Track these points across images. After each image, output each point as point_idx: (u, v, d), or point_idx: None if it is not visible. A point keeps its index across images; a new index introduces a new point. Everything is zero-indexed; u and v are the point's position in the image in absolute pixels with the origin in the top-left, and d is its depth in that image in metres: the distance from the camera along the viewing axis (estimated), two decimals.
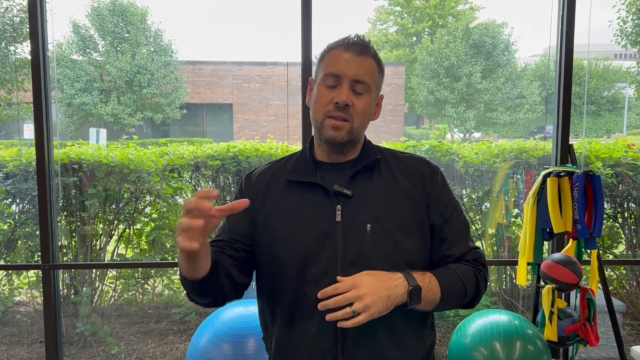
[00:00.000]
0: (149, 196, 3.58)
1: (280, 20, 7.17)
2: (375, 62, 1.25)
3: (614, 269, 3.72)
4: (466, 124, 12.25)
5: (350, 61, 1.21)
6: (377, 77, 1.26)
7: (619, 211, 3.58)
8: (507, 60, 12.39)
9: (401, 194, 1.25)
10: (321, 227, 1.21)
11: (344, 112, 1.20)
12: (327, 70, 1.23)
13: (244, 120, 14.32)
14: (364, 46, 1.23)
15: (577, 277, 2.35)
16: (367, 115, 1.25)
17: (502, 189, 3.43)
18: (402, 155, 1.34)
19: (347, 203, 1.22)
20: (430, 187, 1.28)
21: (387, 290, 1.08)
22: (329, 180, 1.25)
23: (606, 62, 17.35)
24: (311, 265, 1.20)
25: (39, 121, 2.70)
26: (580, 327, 2.37)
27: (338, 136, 1.22)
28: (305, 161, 1.30)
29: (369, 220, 1.20)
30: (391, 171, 1.28)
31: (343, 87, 1.20)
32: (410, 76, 13.54)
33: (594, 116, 16.56)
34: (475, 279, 1.26)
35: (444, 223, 1.27)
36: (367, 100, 1.23)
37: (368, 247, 1.19)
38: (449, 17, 14.99)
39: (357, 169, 1.25)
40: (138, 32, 12.78)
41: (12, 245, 3.57)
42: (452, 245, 1.27)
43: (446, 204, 1.29)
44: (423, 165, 1.31)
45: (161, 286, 3.82)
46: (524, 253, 2.50)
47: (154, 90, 12.53)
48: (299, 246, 1.21)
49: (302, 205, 1.24)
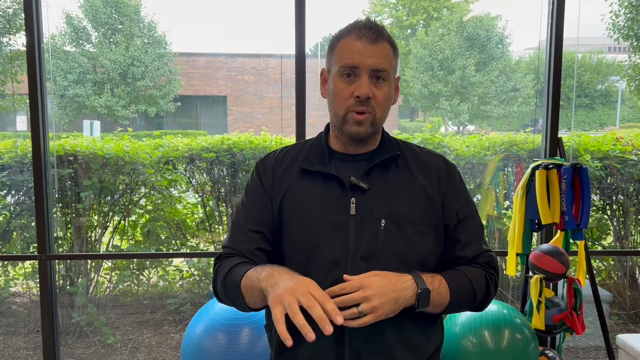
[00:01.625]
0: (143, 188, 3.61)
1: (275, 12, 7.14)
2: (391, 45, 1.20)
3: (602, 260, 3.78)
4: (460, 116, 12.29)
5: (366, 50, 1.15)
6: (394, 61, 1.21)
7: (608, 203, 3.64)
8: (501, 54, 12.42)
9: (417, 191, 1.21)
10: (334, 219, 1.18)
11: (365, 105, 1.16)
12: (342, 61, 1.17)
13: (238, 112, 14.28)
14: (377, 31, 1.17)
15: (565, 268, 2.40)
16: (388, 104, 1.22)
17: (492, 182, 3.48)
18: (420, 150, 1.30)
19: (362, 196, 1.19)
20: (446, 185, 1.24)
21: (395, 293, 1.06)
22: (344, 171, 1.21)
23: (600, 56, 17.38)
24: (320, 257, 1.17)
25: (35, 113, 2.71)
26: (567, 316, 2.43)
27: (362, 131, 1.18)
28: (320, 150, 1.26)
29: (384, 216, 1.17)
30: (408, 166, 1.24)
31: (362, 79, 1.15)
32: (405, 69, 13.55)
33: (587, 109, 16.61)
34: (485, 282, 1.23)
35: (458, 223, 1.23)
36: (387, 89, 1.19)
37: (380, 243, 1.16)
38: (444, 10, 14.99)
39: (375, 163, 1.21)
40: (132, 24, 12.69)
41: (7, 237, 3.59)
42: (465, 246, 1.24)
43: (462, 205, 1.25)
44: (440, 163, 1.27)
45: (156, 277, 3.86)
46: (513, 244, 2.55)
47: (148, 82, 12.48)
48: (309, 236, 1.18)
49: (315, 195, 1.21)
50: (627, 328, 3.64)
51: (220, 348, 2.21)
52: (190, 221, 3.72)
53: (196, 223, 3.70)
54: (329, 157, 1.24)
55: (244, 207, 1.28)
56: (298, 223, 1.20)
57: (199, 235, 3.69)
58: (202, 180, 3.66)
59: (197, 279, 3.78)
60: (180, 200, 3.70)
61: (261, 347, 2.15)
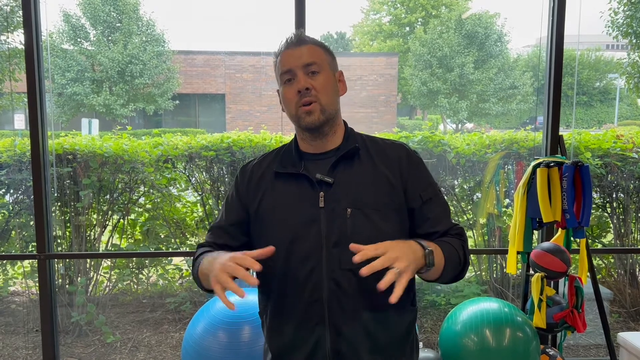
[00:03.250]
0: (143, 186, 3.60)
1: (274, 10, 7.12)
2: (317, 45, 1.36)
3: (603, 258, 3.78)
4: (459, 114, 12.29)
5: (293, 53, 1.32)
6: (324, 56, 1.35)
7: (608, 201, 3.64)
8: (499, 51, 12.42)
9: (379, 179, 1.33)
10: (307, 213, 1.31)
11: (308, 96, 1.30)
12: (280, 70, 1.34)
13: (237, 110, 14.28)
14: (300, 38, 1.35)
15: (566, 266, 2.40)
16: (331, 90, 1.34)
17: (492, 180, 3.48)
18: (383, 141, 1.41)
19: (329, 190, 1.31)
20: (407, 171, 1.35)
21: (413, 254, 1.15)
22: (312, 169, 1.34)
23: (598, 53, 17.40)
24: (298, 248, 1.30)
25: (34, 111, 2.70)
26: (568, 314, 2.43)
27: (314, 119, 1.31)
28: (290, 154, 1.40)
29: (349, 205, 1.29)
30: (371, 158, 1.36)
31: (298, 75, 1.31)
32: (403, 67, 13.55)
33: (585, 107, 16.64)
34: (463, 249, 1.35)
35: (423, 204, 1.34)
36: (324, 77, 1.33)
37: (349, 230, 1.28)
38: (442, 8, 14.98)
39: (338, 158, 1.34)
40: (130, 22, 12.66)
41: (6, 236, 3.57)
42: (436, 223, 1.35)
43: (424, 186, 1.36)
44: (401, 151, 1.38)
45: (155, 276, 3.85)
46: (514, 242, 2.54)
47: (146, 80, 12.45)
48: (287, 230, 1.31)
49: (289, 194, 1.34)
50: (627, 326, 3.64)
51: (221, 346, 2.20)
52: (189, 220, 3.71)
53: (195, 222, 3.69)
54: (299, 158, 1.38)
55: (221, 210, 1.49)
56: (275, 221, 1.34)
57: (198, 234, 3.68)
58: (201, 179, 3.65)
59: None
60: (180, 198, 3.69)
61: (262, 345, 2.14)
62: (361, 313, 1.29)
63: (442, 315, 3.65)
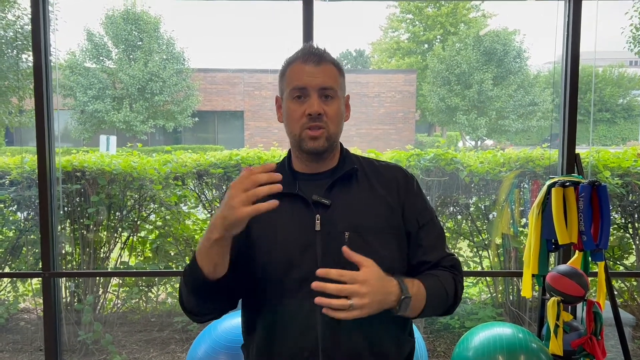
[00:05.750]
0: (152, 204, 3.58)
1: (290, 28, 7.15)
2: (335, 66, 1.29)
3: (625, 281, 3.63)
4: (477, 131, 12.16)
5: (312, 72, 1.25)
6: (339, 80, 1.29)
7: (630, 221, 3.50)
8: (519, 68, 12.30)
9: (377, 202, 1.28)
10: (302, 236, 1.24)
11: (318, 121, 1.24)
12: (292, 84, 1.26)
13: (255, 127, 14.37)
14: (321, 55, 1.28)
15: (583, 290, 2.29)
16: (340, 119, 1.29)
17: (507, 199, 3.37)
18: (379, 163, 1.37)
19: (326, 212, 1.25)
20: (405, 193, 1.31)
21: (383, 295, 1.09)
22: (307, 190, 1.28)
23: (621, 70, 17.15)
24: (292, 273, 1.22)
25: (41, 129, 2.71)
26: (586, 341, 2.31)
27: (318, 145, 1.25)
28: (284, 172, 1.29)
29: (347, 228, 1.23)
30: (368, 179, 1.31)
31: (312, 97, 1.24)
32: (422, 83, 13.50)
33: (608, 124, 16.38)
34: (454, 284, 1.28)
35: (419, 229, 1.29)
36: (337, 105, 1.27)
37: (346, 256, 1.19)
38: (461, 25, 14.94)
39: (335, 179, 1.28)
40: (151, 40, 12.88)
41: (17, 252, 3.58)
42: (428, 251, 1.29)
43: (421, 211, 1.31)
44: (398, 173, 1.34)
45: (164, 294, 3.81)
46: (529, 264, 2.45)
47: (165, 97, 12.61)
48: (280, 255, 1.23)
49: (282, 215, 1.24)
50: None
51: None
52: (199, 237, 3.67)
53: None
54: (294, 178, 1.31)
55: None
56: (269, 244, 1.25)
57: None
58: (211, 197, 3.62)
59: None
60: (190, 216, 3.66)
61: None
62: (357, 345, 1.22)
63: (455, 339, 3.53)
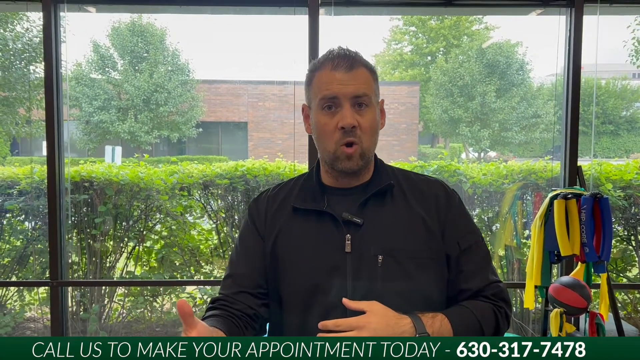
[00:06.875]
0: (159, 214, 3.61)
1: (294, 40, 7.22)
2: (368, 70, 1.15)
3: (628, 293, 3.64)
4: (480, 143, 12.19)
5: (343, 79, 1.11)
6: (373, 85, 1.16)
7: (632, 234, 3.51)
8: (521, 80, 12.35)
9: (415, 222, 1.15)
10: (330, 259, 1.12)
11: (351, 135, 1.11)
12: (320, 94, 1.13)
13: (259, 138, 14.43)
14: (352, 58, 1.13)
15: (586, 302, 2.31)
16: (375, 130, 1.16)
17: (510, 211, 3.40)
18: (417, 177, 1.23)
19: (358, 232, 1.12)
20: (446, 213, 1.17)
21: (390, 336, 1.00)
22: (337, 207, 1.15)
23: (624, 82, 17.19)
24: (319, 300, 1.11)
25: (51, 139, 2.76)
26: None
27: (352, 165, 1.13)
28: (311, 186, 1.21)
29: (381, 252, 1.11)
30: (404, 196, 1.18)
31: (344, 108, 1.11)
32: (425, 95, 13.56)
33: (612, 136, 16.38)
34: (494, 317, 1.14)
35: (460, 254, 1.16)
36: (372, 115, 1.14)
37: (379, 281, 1.10)
38: (464, 37, 15.03)
39: (369, 195, 1.15)
40: (157, 52, 13.01)
41: (24, 262, 3.61)
42: (469, 278, 1.15)
43: (463, 233, 1.18)
44: (439, 189, 1.20)
45: (169, 304, 3.83)
46: (532, 276, 2.46)
47: (170, 108, 12.71)
48: (305, 279, 1.13)
49: (308, 234, 1.15)
50: None
51: None
52: (204, 247, 3.70)
53: (210, 249, 3.68)
54: (322, 192, 1.19)
55: (238, 253, 1.23)
56: (293, 265, 1.15)
57: (213, 262, 3.66)
58: (216, 207, 3.65)
59: None
60: (195, 226, 3.70)
61: None
62: None
63: None
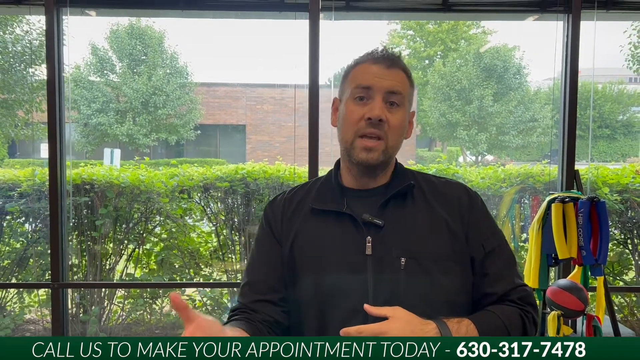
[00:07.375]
0: (158, 216, 3.63)
1: (293, 43, 7.24)
2: (406, 75, 1.14)
3: (624, 296, 3.67)
4: (478, 146, 12.23)
5: (381, 73, 1.10)
6: (408, 90, 1.14)
7: (629, 237, 3.54)
8: (519, 84, 12.41)
9: (438, 224, 1.12)
10: (350, 261, 1.08)
11: (377, 128, 1.08)
12: (355, 82, 1.11)
13: (257, 141, 14.44)
14: (393, 59, 1.13)
15: (583, 304, 2.33)
16: (402, 132, 1.13)
17: (508, 214, 3.43)
18: (438, 180, 1.21)
19: (379, 234, 1.09)
20: (469, 216, 1.14)
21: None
22: (357, 208, 1.12)
23: (620, 86, 17.26)
24: (339, 304, 1.08)
25: (53, 142, 2.77)
26: None
27: (371, 158, 1.10)
28: (330, 187, 1.18)
29: (403, 254, 1.08)
30: (426, 198, 1.15)
31: (375, 100, 1.08)
32: (422, 99, 13.60)
33: (608, 140, 16.44)
34: (521, 322, 1.11)
35: (485, 257, 1.13)
36: (402, 115, 1.11)
37: (402, 285, 1.07)
38: (461, 41, 15.08)
39: (389, 196, 1.12)
40: (155, 55, 13.03)
41: (24, 264, 3.62)
42: (495, 282, 1.12)
43: (488, 236, 1.15)
44: (461, 191, 1.17)
45: (169, 306, 3.84)
46: (529, 278, 2.49)
47: (168, 111, 12.72)
48: (324, 282, 1.09)
49: (328, 235, 1.12)
50: None
51: None
52: (203, 250, 3.72)
53: (210, 252, 3.70)
54: (341, 194, 1.16)
55: (254, 259, 1.21)
56: (311, 268, 1.11)
57: (212, 264, 3.68)
58: (216, 209, 3.67)
59: (209, 308, 3.75)
60: (195, 229, 3.71)
61: None
62: None
63: None
